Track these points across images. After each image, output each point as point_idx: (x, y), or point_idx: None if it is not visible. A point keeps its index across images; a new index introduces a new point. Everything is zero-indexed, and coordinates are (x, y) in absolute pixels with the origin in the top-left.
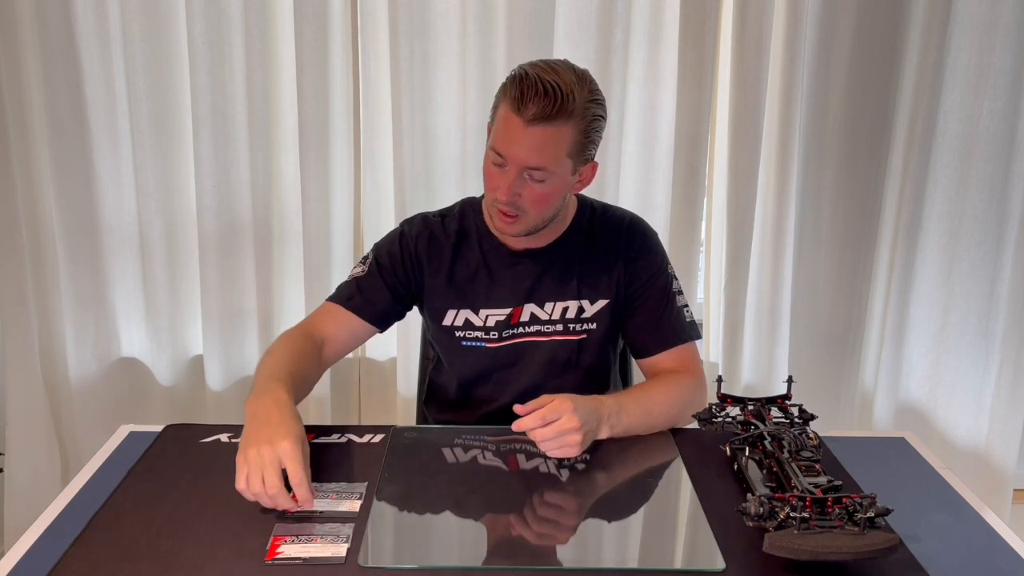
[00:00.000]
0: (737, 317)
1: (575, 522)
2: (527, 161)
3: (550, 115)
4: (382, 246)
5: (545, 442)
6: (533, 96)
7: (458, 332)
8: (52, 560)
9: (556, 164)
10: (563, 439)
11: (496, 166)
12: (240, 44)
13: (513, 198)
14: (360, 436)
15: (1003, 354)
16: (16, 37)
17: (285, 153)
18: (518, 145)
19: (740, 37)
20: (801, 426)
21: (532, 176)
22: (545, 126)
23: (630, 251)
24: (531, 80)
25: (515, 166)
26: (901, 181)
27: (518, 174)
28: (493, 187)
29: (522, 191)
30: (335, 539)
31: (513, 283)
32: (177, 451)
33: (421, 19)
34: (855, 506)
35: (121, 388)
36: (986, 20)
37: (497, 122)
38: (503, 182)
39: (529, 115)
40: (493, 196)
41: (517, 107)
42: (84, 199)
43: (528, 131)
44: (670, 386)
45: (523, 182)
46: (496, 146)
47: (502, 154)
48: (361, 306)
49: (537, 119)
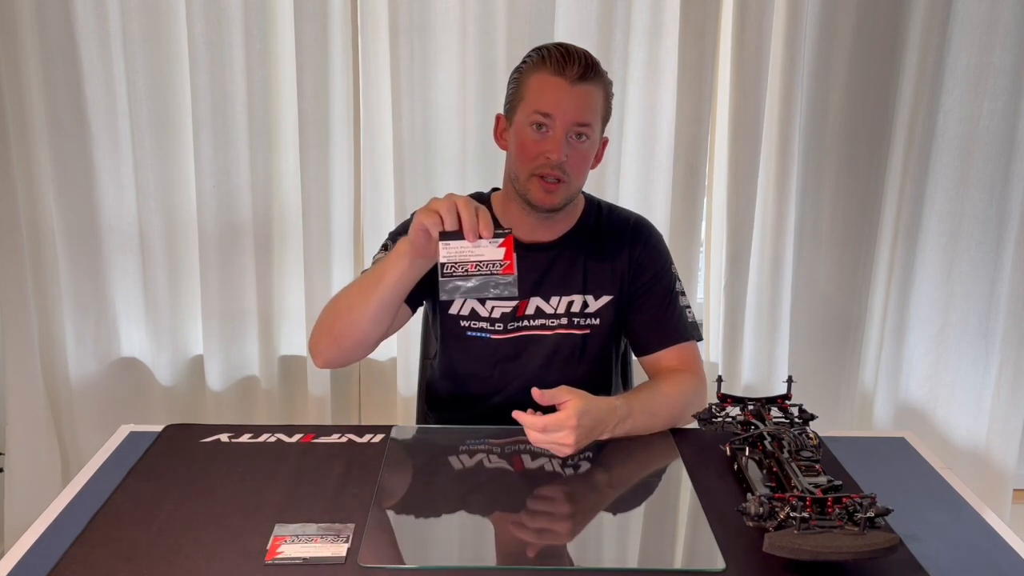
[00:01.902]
0: (737, 317)
1: (575, 522)
2: (578, 117)
3: (589, 75)
4: (399, 231)
5: (537, 443)
6: (573, 60)
7: (464, 321)
8: (52, 560)
9: (595, 122)
10: (553, 446)
11: (538, 132)
12: (240, 44)
13: (563, 157)
14: (360, 436)
15: (1003, 354)
16: (16, 37)
17: (285, 153)
18: (567, 102)
19: (740, 37)
20: (801, 426)
21: (577, 134)
22: (587, 85)
23: (635, 249)
24: (564, 48)
25: (563, 125)
26: (901, 181)
27: (565, 133)
28: (537, 153)
29: (569, 153)
30: (335, 539)
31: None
32: (177, 451)
33: (421, 19)
34: (855, 506)
35: (121, 388)
36: (986, 20)
37: (532, 91)
38: (551, 144)
39: (574, 75)
40: (540, 161)
41: (561, 69)
42: (84, 199)
43: (574, 89)
44: (674, 387)
45: (568, 143)
46: (541, 107)
47: (550, 113)
48: None
49: (581, 78)
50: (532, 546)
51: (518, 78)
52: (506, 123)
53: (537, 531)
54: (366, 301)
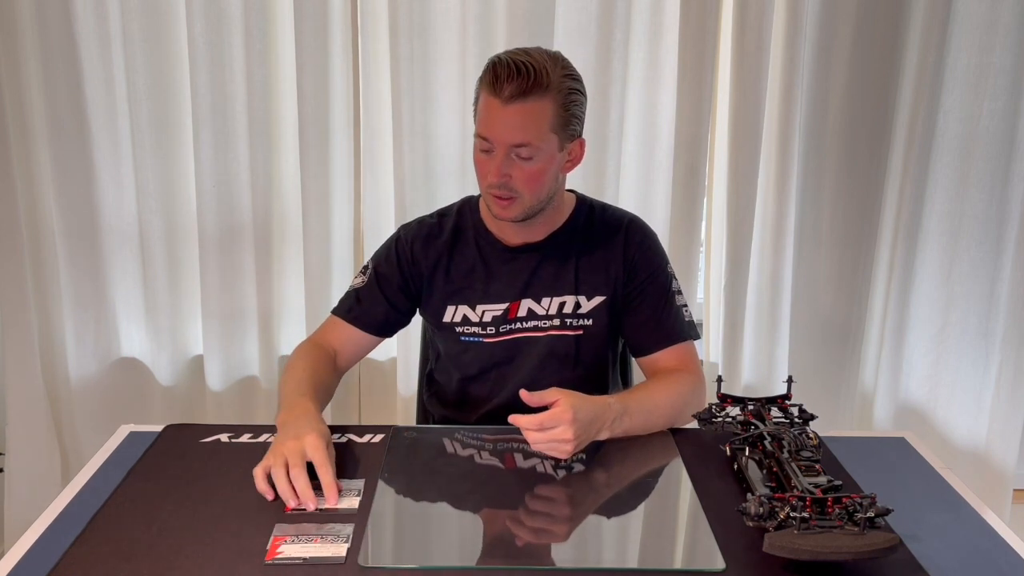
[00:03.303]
0: (737, 317)
1: (575, 522)
2: (511, 139)
3: (526, 91)
4: (380, 254)
5: (536, 444)
6: (507, 77)
7: (457, 328)
8: (52, 560)
9: (540, 139)
10: (553, 445)
11: (484, 153)
12: (240, 44)
13: (503, 179)
14: (360, 436)
15: (1003, 354)
16: (16, 37)
17: (285, 153)
18: (500, 124)
19: (740, 37)
20: (801, 426)
21: (519, 155)
22: (523, 102)
23: (629, 249)
24: (504, 63)
25: (501, 147)
26: (901, 181)
27: (505, 155)
28: (483, 173)
29: (512, 172)
30: (335, 539)
31: (509, 278)
32: (177, 451)
33: (421, 19)
34: (855, 506)
35: (121, 388)
36: (986, 20)
37: (479, 111)
38: (492, 165)
39: (506, 94)
40: (487, 181)
41: (493, 89)
42: (84, 199)
43: (507, 110)
44: (671, 386)
45: (511, 162)
46: (480, 131)
47: (487, 137)
48: (360, 317)
49: (514, 96)
50: (532, 546)
51: (476, 91)
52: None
53: (537, 531)
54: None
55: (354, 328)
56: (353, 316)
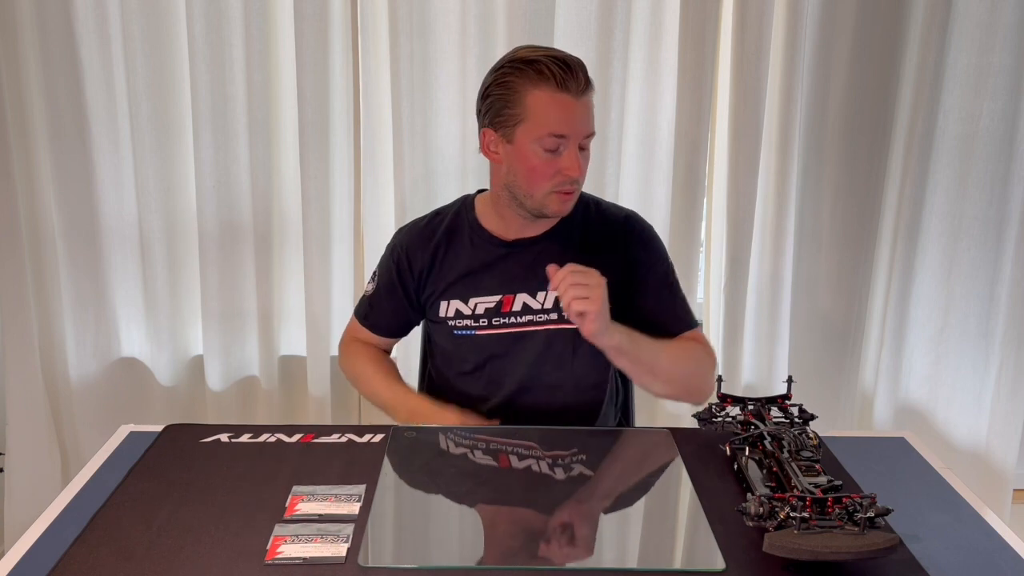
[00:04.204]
0: (737, 317)
1: (575, 522)
2: (587, 130)
3: (589, 83)
4: (381, 263)
5: (563, 281)
6: (573, 74)
7: (450, 322)
8: (52, 560)
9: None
10: (578, 289)
11: (550, 153)
12: (240, 44)
13: (583, 173)
14: (360, 436)
15: (1003, 354)
16: (16, 38)
17: (285, 153)
18: (577, 118)
19: (740, 37)
20: (801, 426)
21: (583, 145)
22: (587, 94)
23: (630, 245)
24: (560, 61)
25: (575, 140)
26: (901, 181)
27: (577, 147)
28: (552, 173)
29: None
30: (335, 539)
31: (504, 272)
32: (177, 451)
33: (421, 19)
34: (855, 506)
35: (121, 388)
36: (986, 21)
37: (537, 111)
38: (569, 162)
39: (578, 88)
40: (558, 180)
41: (565, 85)
42: (84, 199)
43: (581, 102)
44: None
45: (579, 154)
46: (556, 130)
47: (565, 134)
48: (375, 323)
49: (583, 89)
50: (532, 546)
51: (506, 94)
52: (497, 137)
53: (537, 531)
54: (369, 397)
55: (371, 333)
56: (370, 323)
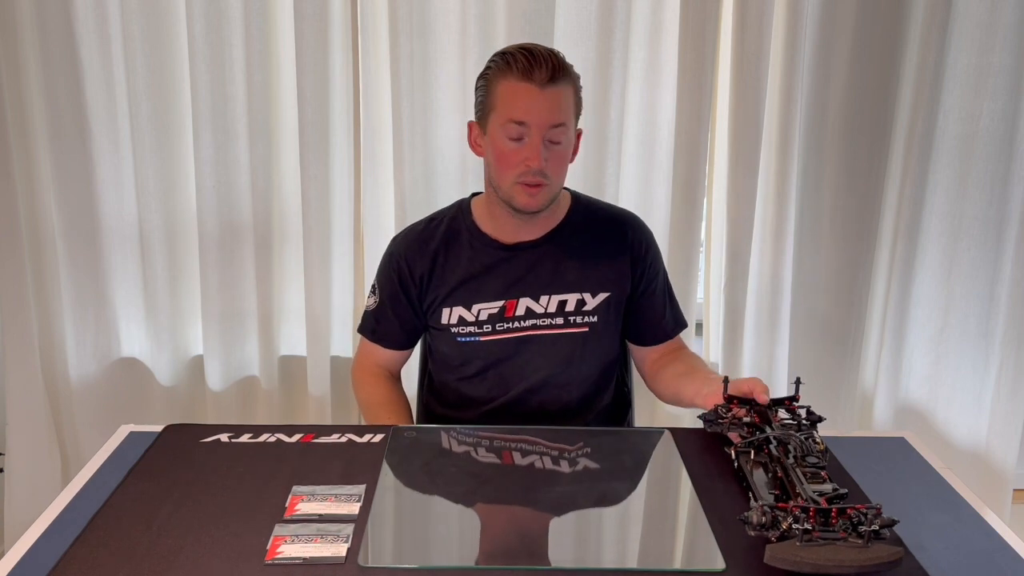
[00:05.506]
0: (737, 317)
1: (575, 522)
2: (551, 119)
3: (556, 76)
4: (380, 273)
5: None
6: (538, 63)
7: (453, 329)
8: (52, 560)
9: (569, 121)
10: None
11: (514, 142)
12: (240, 44)
13: (543, 164)
14: (360, 436)
15: (1003, 354)
16: (16, 38)
17: (285, 153)
18: (540, 107)
19: (740, 37)
20: (809, 430)
21: (551, 139)
22: (555, 86)
23: (635, 247)
24: (528, 52)
25: (539, 130)
26: (901, 181)
27: (542, 139)
28: (516, 162)
29: (548, 156)
30: (335, 539)
31: (505, 277)
32: (177, 451)
33: (421, 19)
34: (860, 517)
35: (121, 388)
36: (986, 21)
37: (502, 99)
38: (530, 151)
39: (542, 79)
40: (520, 170)
41: (528, 75)
42: (84, 199)
43: (545, 93)
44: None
45: (545, 147)
46: (515, 116)
47: (524, 121)
48: (383, 337)
49: (549, 80)
50: (532, 546)
51: (485, 85)
52: (479, 131)
53: (537, 531)
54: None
55: (379, 347)
56: (379, 337)
